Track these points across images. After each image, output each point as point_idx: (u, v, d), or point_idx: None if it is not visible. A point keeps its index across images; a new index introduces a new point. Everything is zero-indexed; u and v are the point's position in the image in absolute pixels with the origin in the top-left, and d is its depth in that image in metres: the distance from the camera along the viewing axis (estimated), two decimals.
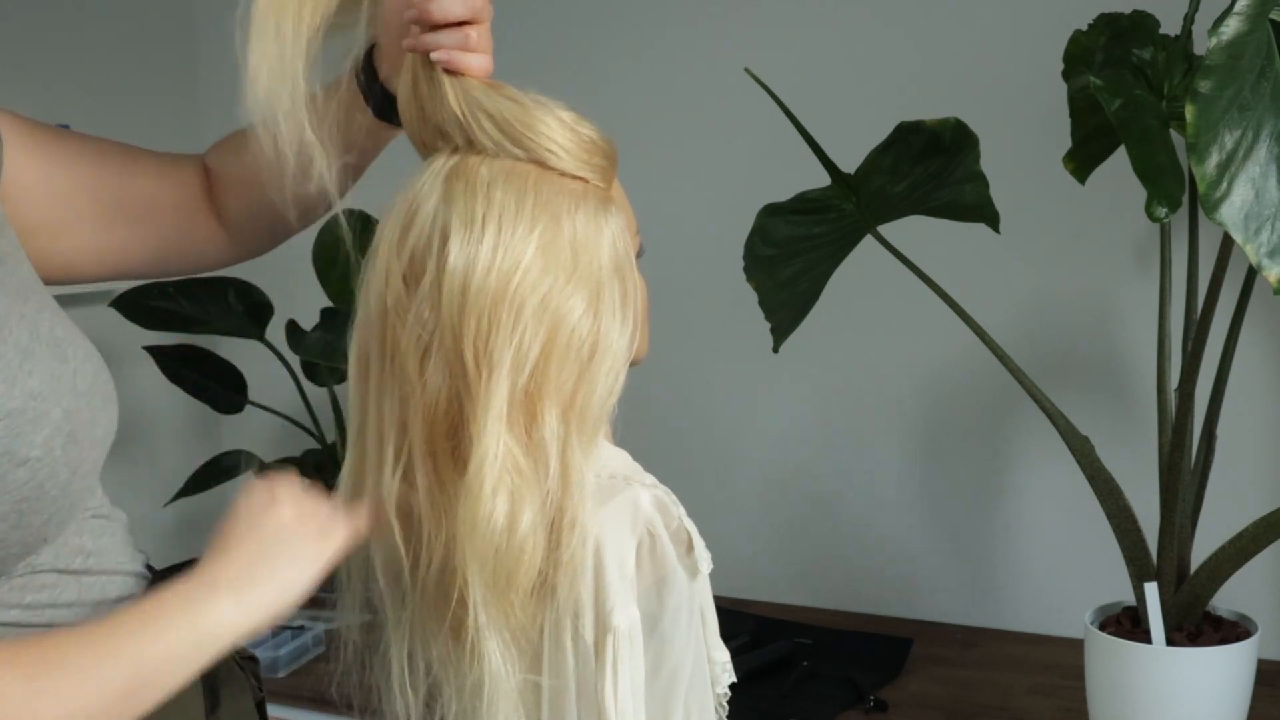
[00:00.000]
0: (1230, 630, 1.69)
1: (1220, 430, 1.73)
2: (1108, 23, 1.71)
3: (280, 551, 0.97)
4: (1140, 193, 1.46)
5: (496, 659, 1.01)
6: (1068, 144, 1.71)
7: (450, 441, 1.02)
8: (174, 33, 2.75)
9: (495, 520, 0.99)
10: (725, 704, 1.13)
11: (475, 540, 1.00)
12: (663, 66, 2.38)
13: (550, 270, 1.01)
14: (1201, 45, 1.50)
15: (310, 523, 0.99)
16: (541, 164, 1.03)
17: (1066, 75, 1.77)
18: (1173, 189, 1.46)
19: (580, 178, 1.05)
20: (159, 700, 0.90)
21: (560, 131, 1.04)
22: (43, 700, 0.84)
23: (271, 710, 1.24)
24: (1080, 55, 1.75)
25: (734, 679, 1.13)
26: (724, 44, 2.31)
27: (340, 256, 1.07)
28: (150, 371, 2.49)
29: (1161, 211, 1.45)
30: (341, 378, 1.12)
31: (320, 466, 2.42)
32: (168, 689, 0.90)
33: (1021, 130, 2.05)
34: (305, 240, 1.09)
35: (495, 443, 0.99)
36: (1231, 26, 1.38)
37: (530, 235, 1.01)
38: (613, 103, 2.40)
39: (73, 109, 2.53)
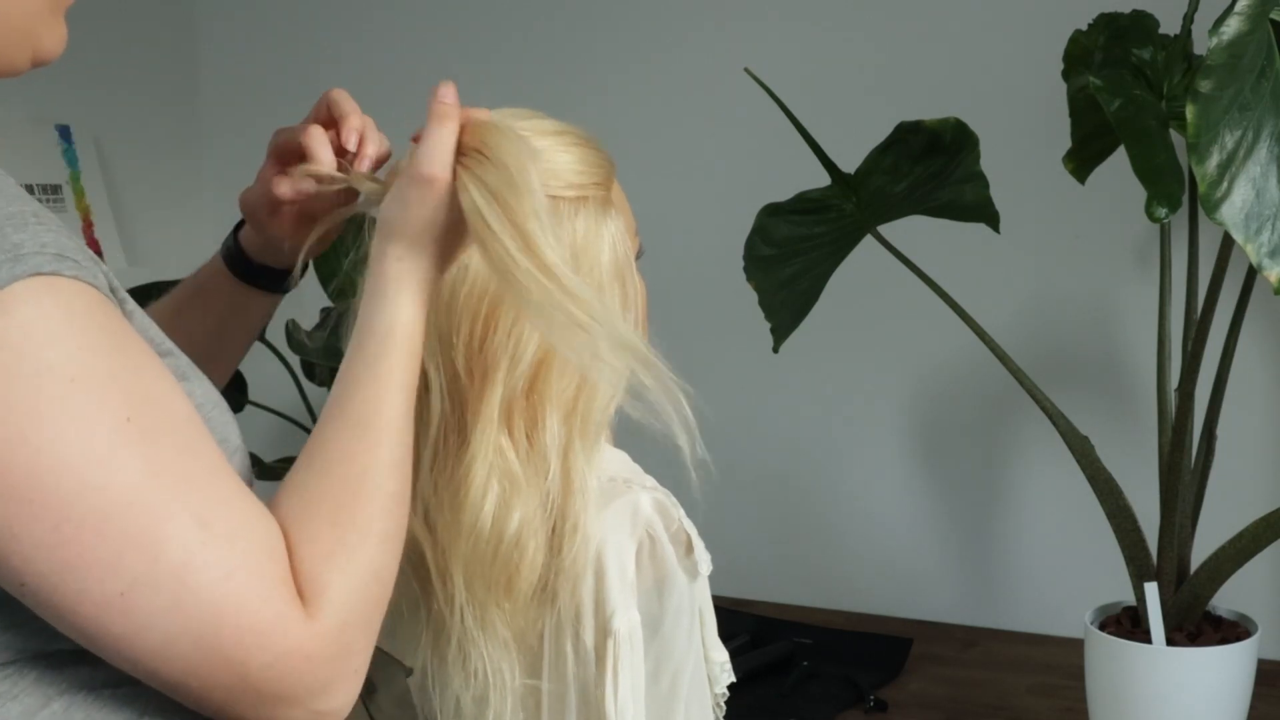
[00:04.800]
0: (1230, 630, 1.69)
1: (1220, 430, 1.73)
2: (1107, 22, 1.71)
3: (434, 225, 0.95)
4: (1140, 193, 1.46)
5: (491, 663, 1.01)
6: (1068, 144, 1.71)
7: (450, 444, 1.02)
8: (174, 33, 2.75)
9: (481, 524, 0.99)
10: (723, 704, 1.12)
11: (460, 543, 1.00)
12: (663, 66, 2.38)
13: None
14: (1201, 45, 1.50)
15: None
16: None
17: (1066, 75, 1.77)
18: (1173, 189, 1.46)
19: (581, 197, 1.04)
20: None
21: (551, 171, 1.02)
22: (351, 535, 0.85)
23: None
24: (1080, 55, 1.75)
25: (733, 679, 1.13)
26: (724, 44, 2.31)
27: (341, 257, 1.07)
28: None
29: (1161, 212, 1.45)
30: None
31: None
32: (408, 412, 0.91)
33: (1021, 130, 2.05)
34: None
35: (486, 446, 1.00)
36: (1232, 26, 1.38)
37: None
38: (613, 103, 2.40)
39: (73, 109, 2.53)
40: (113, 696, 0.84)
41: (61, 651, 0.82)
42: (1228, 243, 1.60)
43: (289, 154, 1.08)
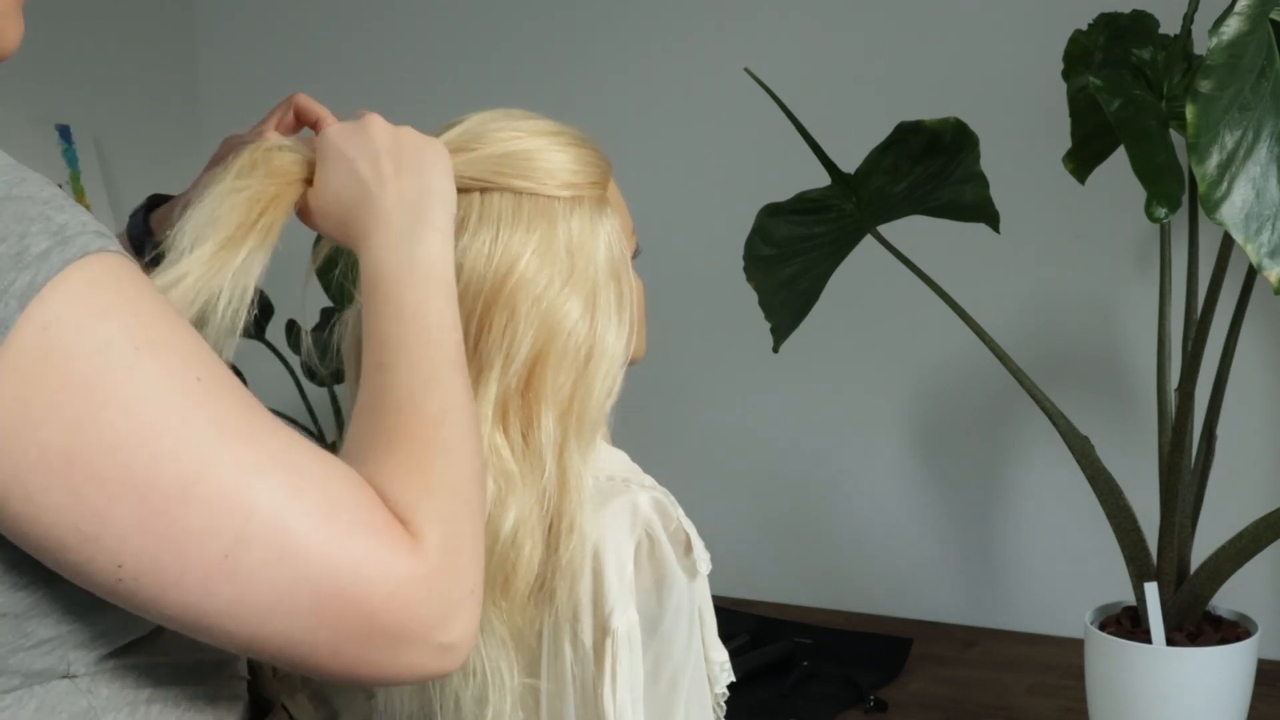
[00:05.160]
0: (1230, 630, 1.69)
1: (1220, 430, 1.73)
2: (1107, 22, 1.71)
3: (421, 165, 0.97)
4: (1140, 193, 1.46)
5: (490, 662, 1.01)
6: (1068, 144, 1.71)
7: None
8: (174, 33, 2.75)
9: None
10: (723, 704, 1.13)
11: None
12: (663, 66, 2.38)
13: (546, 272, 1.01)
14: (1201, 45, 1.50)
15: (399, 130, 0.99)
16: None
17: (1066, 75, 1.77)
18: (1172, 189, 1.46)
19: (576, 196, 1.05)
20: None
21: (546, 170, 1.04)
22: (425, 480, 0.84)
23: None
24: (1080, 55, 1.75)
25: (733, 678, 1.13)
26: (724, 44, 2.31)
27: (341, 256, 1.07)
28: None
29: (1161, 212, 1.45)
30: (341, 378, 1.11)
31: None
32: (455, 350, 0.91)
33: (1021, 130, 2.05)
34: (305, 240, 1.09)
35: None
36: (1232, 26, 1.38)
37: (528, 238, 1.01)
38: (613, 103, 2.40)
39: (73, 109, 2.53)
40: None
41: (66, 678, 0.81)
42: (1228, 243, 1.59)
43: None
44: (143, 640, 0.85)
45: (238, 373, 0.84)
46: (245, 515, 0.75)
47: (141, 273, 0.80)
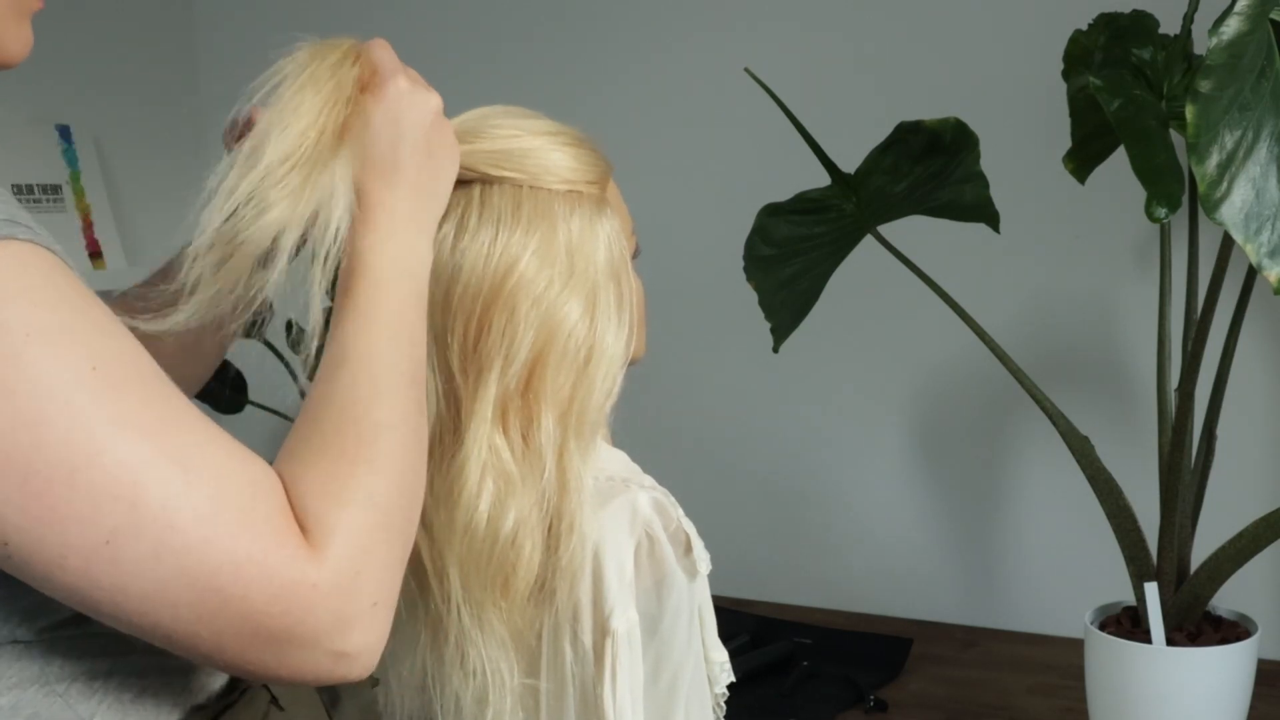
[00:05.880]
0: (1230, 630, 1.69)
1: (1220, 430, 1.73)
2: (1107, 22, 1.71)
3: (441, 169, 0.96)
4: (1140, 193, 1.46)
5: (490, 663, 1.01)
6: (1068, 144, 1.71)
7: (445, 444, 1.02)
8: (174, 33, 2.75)
9: (476, 523, 0.99)
10: (723, 704, 1.13)
11: (455, 541, 1.00)
12: (663, 66, 2.38)
13: (545, 273, 1.01)
14: (1201, 45, 1.50)
15: (421, 89, 0.98)
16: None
17: (1066, 75, 1.77)
18: (1172, 189, 1.46)
19: (574, 191, 1.05)
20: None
21: (544, 166, 1.04)
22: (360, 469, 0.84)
23: None
24: (1080, 55, 1.75)
25: (732, 678, 1.13)
26: (724, 44, 2.31)
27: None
28: None
29: (1161, 212, 1.45)
30: None
31: None
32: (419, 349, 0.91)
33: (1021, 130, 2.05)
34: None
35: (480, 445, 1.00)
36: (1232, 26, 1.38)
37: (527, 240, 1.01)
38: (613, 103, 2.40)
39: (73, 109, 2.53)
40: (66, 692, 0.83)
41: (16, 643, 0.81)
42: (1228, 243, 1.59)
43: None
44: None
45: (237, 373, 0.84)
46: (128, 506, 0.76)
47: (60, 265, 0.80)
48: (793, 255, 1.81)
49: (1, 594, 0.80)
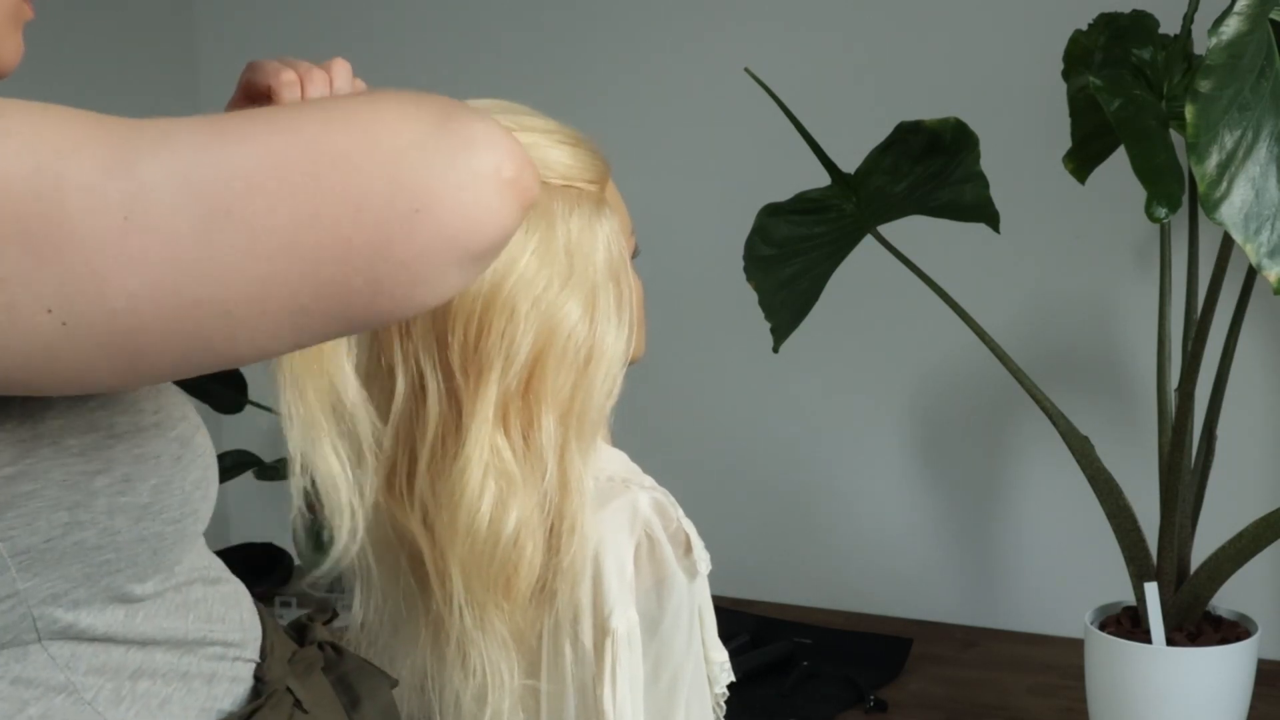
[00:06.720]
0: (1230, 630, 1.69)
1: (1220, 430, 1.73)
2: (1107, 22, 1.71)
3: None
4: (1140, 193, 1.46)
5: (490, 663, 1.01)
6: (1068, 144, 1.71)
7: (446, 445, 1.02)
8: (174, 33, 2.75)
9: (478, 524, 0.99)
10: (723, 703, 1.13)
11: (457, 542, 1.00)
12: (663, 66, 2.38)
13: (545, 273, 1.01)
14: (1201, 45, 1.50)
15: None
16: None
17: (1066, 75, 1.77)
18: (1172, 189, 1.46)
19: (573, 187, 1.04)
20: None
21: (542, 161, 1.03)
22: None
23: None
24: (1080, 55, 1.75)
25: (732, 678, 1.13)
26: (724, 44, 2.31)
27: None
28: None
29: (1161, 212, 1.45)
30: None
31: None
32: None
33: (1021, 130, 2.05)
34: None
35: (481, 446, 0.99)
36: (1231, 26, 1.38)
37: (526, 240, 1.01)
38: (613, 103, 2.40)
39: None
40: (94, 700, 0.83)
41: (43, 648, 0.81)
42: (1228, 243, 1.60)
43: None
44: (131, 610, 0.84)
45: (237, 373, 0.84)
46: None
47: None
48: (793, 255, 1.81)
49: (35, 595, 0.79)
